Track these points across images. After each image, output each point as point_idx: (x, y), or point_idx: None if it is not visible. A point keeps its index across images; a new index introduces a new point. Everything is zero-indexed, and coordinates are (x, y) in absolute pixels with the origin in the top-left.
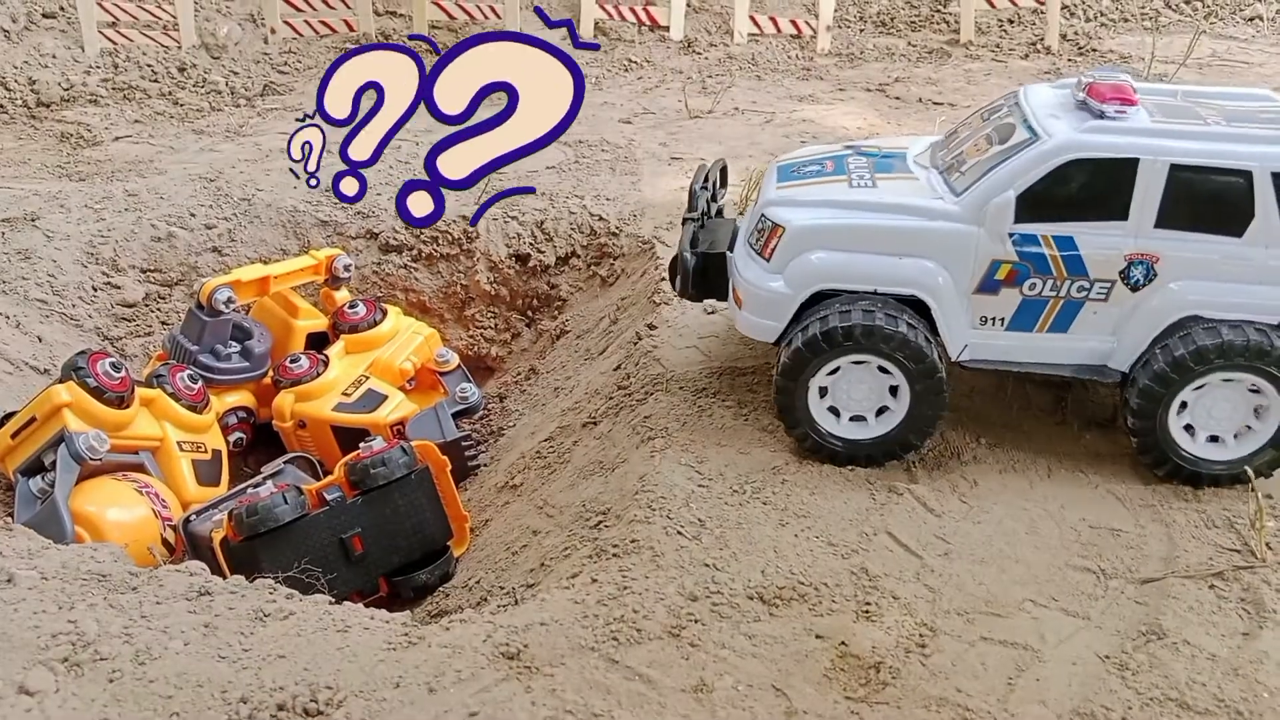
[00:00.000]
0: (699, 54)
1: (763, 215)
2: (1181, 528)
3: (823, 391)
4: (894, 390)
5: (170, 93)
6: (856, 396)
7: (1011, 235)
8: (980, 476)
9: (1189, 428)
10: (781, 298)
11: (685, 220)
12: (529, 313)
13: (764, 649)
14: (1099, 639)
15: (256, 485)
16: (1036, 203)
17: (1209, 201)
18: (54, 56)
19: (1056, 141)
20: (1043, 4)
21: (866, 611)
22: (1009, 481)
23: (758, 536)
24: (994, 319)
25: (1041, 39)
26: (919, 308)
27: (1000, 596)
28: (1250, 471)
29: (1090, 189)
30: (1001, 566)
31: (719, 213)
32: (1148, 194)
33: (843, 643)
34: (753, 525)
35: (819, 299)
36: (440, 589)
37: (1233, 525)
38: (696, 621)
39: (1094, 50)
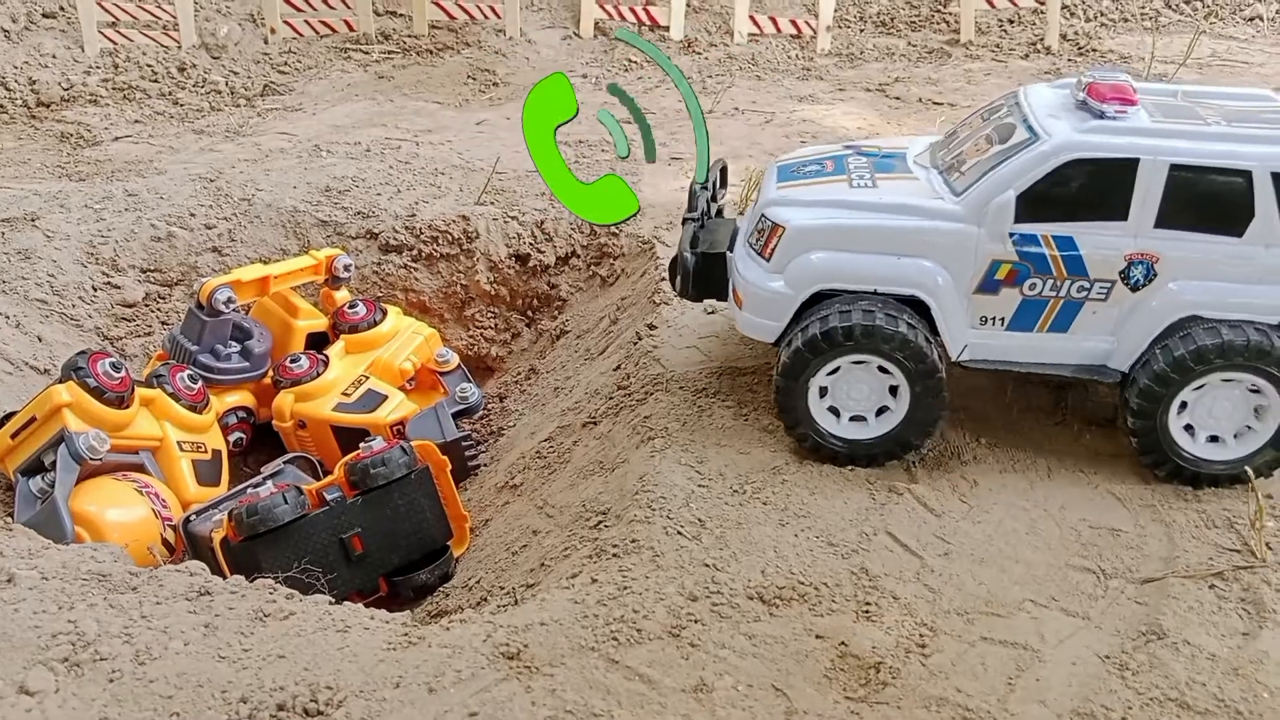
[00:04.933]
0: (699, 54)
1: (763, 215)
2: (1181, 528)
3: (823, 391)
4: (894, 390)
5: (170, 93)
6: (856, 396)
7: (1012, 235)
8: (980, 476)
9: (1189, 428)
10: (781, 298)
11: (685, 220)
12: (529, 313)
13: (764, 649)
14: (1099, 639)
15: (256, 485)
16: (1037, 202)
17: (1209, 201)
18: (54, 56)
19: (1056, 141)
20: (1043, 4)
21: (866, 611)
22: (1009, 481)
23: (758, 536)
24: (994, 319)
25: (1041, 39)
26: (919, 308)
27: (1000, 596)
28: (1250, 471)
29: (1090, 189)
30: (1001, 566)
31: (719, 213)
32: (1148, 194)
33: (843, 643)
34: (753, 525)
35: (819, 299)
36: (440, 589)
37: (1233, 525)
38: (696, 621)
39: (1094, 50)
